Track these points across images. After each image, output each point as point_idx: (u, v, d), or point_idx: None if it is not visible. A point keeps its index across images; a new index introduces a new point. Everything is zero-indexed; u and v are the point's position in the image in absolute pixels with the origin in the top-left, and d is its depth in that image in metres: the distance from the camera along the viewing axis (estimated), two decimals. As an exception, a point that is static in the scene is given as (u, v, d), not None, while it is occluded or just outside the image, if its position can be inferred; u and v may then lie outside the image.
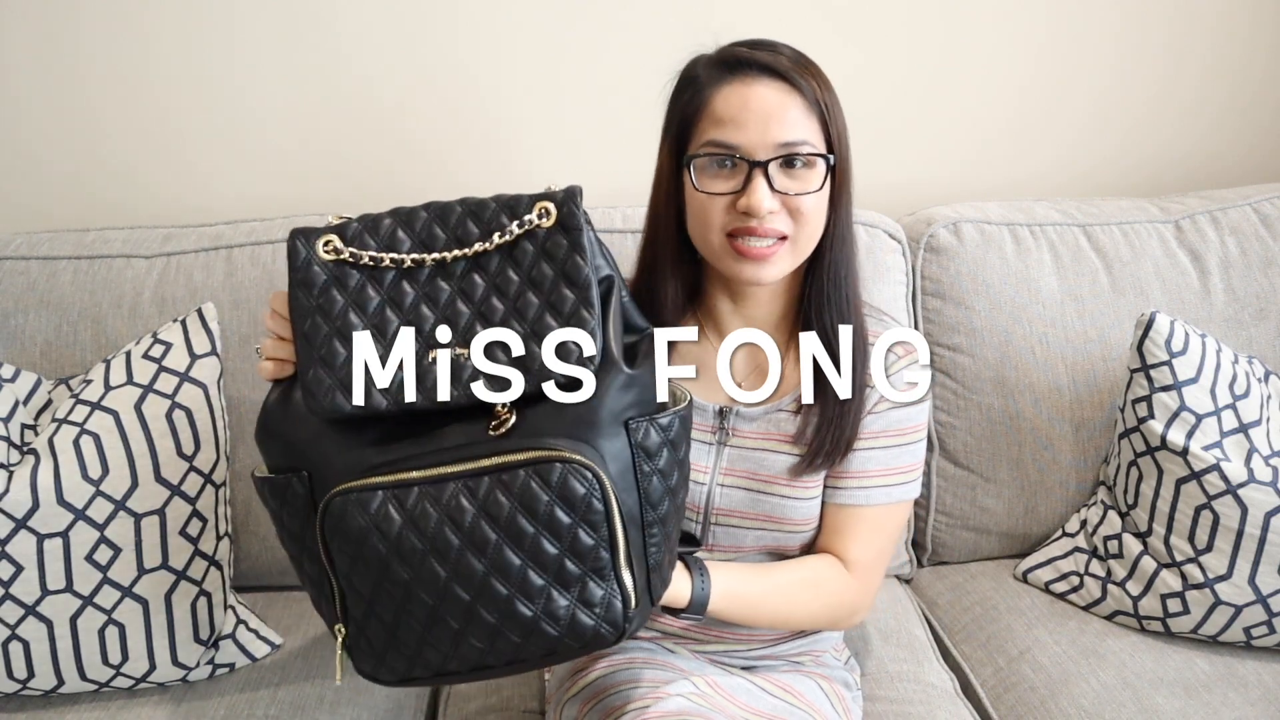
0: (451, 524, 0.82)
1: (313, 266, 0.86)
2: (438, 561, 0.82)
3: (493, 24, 1.62)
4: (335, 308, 0.86)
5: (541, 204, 0.86)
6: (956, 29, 1.71)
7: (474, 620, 0.83)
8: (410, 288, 0.87)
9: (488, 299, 0.86)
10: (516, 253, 0.86)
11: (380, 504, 0.83)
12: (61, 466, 1.19)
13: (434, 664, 0.86)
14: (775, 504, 1.11)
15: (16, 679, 1.22)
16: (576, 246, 0.85)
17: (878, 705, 1.29)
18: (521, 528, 0.81)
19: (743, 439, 1.13)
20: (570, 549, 0.82)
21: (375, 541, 0.83)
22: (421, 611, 0.83)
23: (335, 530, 0.84)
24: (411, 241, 0.87)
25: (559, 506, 0.81)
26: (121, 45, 1.58)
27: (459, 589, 0.82)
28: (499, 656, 0.85)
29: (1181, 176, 1.83)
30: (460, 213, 0.88)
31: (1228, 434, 1.33)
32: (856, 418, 1.09)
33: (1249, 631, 1.33)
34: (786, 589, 1.10)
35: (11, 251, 1.47)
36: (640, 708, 1.02)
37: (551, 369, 0.83)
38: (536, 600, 0.82)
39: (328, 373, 0.85)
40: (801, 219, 1.03)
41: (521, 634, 0.83)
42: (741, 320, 1.14)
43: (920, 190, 1.74)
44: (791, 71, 1.02)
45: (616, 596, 0.84)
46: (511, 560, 0.82)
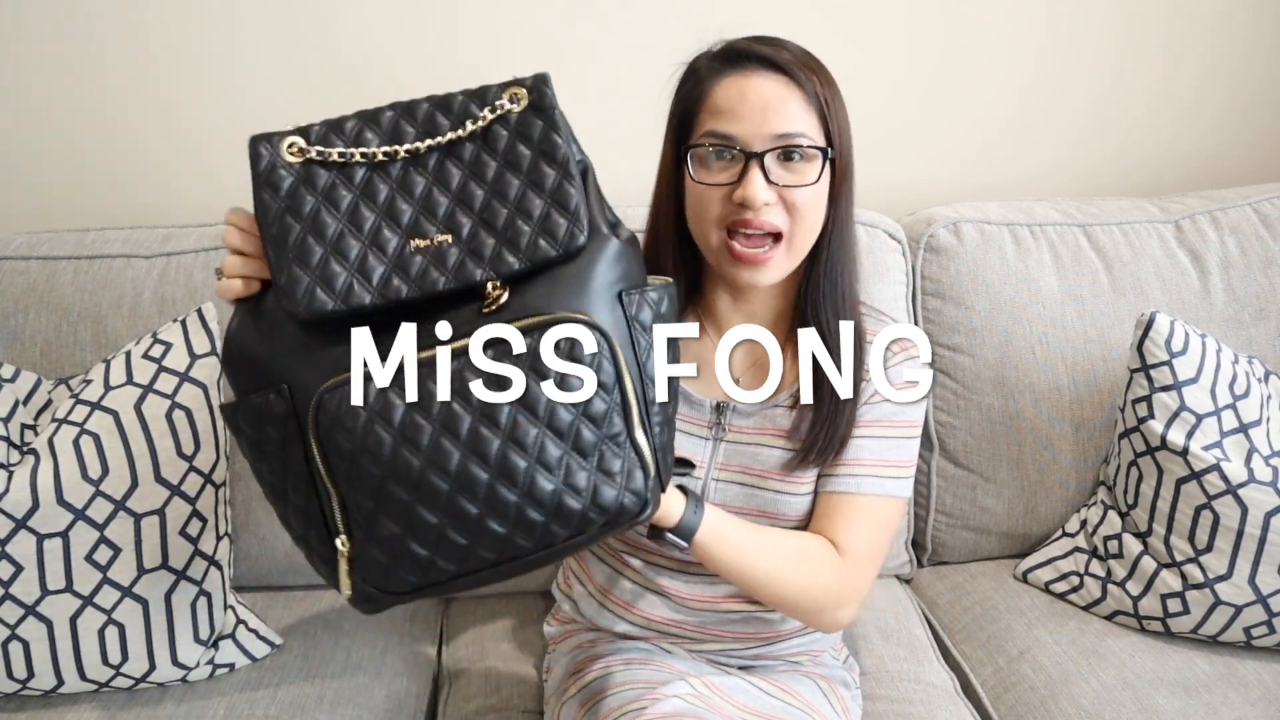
0: (460, 398, 0.78)
1: (278, 169, 0.83)
2: (449, 440, 0.78)
3: (493, 23, 1.62)
4: (305, 207, 0.82)
5: (512, 89, 0.85)
6: (956, 29, 1.71)
7: (495, 501, 0.78)
8: (383, 183, 0.84)
9: (465, 185, 0.84)
10: (490, 137, 0.85)
11: (379, 392, 0.78)
12: (61, 466, 1.19)
13: (453, 561, 0.80)
14: (769, 499, 1.11)
15: (16, 679, 1.22)
16: (552, 125, 0.85)
17: (878, 705, 1.29)
18: (534, 394, 0.78)
19: (738, 434, 1.13)
20: (585, 413, 0.79)
21: (378, 428, 0.78)
22: (436, 501, 0.78)
23: (332, 429, 0.78)
24: (379, 138, 0.85)
25: (569, 367, 0.79)
26: (122, 45, 1.58)
27: (475, 467, 0.78)
28: (521, 543, 0.80)
29: (1181, 176, 1.83)
30: (428, 107, 0.86)
31: (1228, 434, 1.33)
32: (852, 415, 1.09)
33: (1249, 631, 1.33)
34: (776, 548, 1.07)
35: (11, 251, 1.47)
36: (637, 709, 1.02)
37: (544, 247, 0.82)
38: (556, 471, 0.79)
39: (305, 271, 0.81)
40: (797, 213, 1.03)
41: (546, 511, 0.79)
42: (741, 317, 1.14)
43: (920, 190, 1.74)
44: (791, 65, 1.02)
45: (636, 465, 0.82)
46: (527, 428, 0.78)
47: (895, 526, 1.15)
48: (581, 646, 1.21)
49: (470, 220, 0.83)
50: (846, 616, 1.11)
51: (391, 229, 0.83)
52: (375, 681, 1.32)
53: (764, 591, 1.07)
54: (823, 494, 1.12)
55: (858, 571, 1.10)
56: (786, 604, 1.08)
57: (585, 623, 1.24)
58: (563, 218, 0.83)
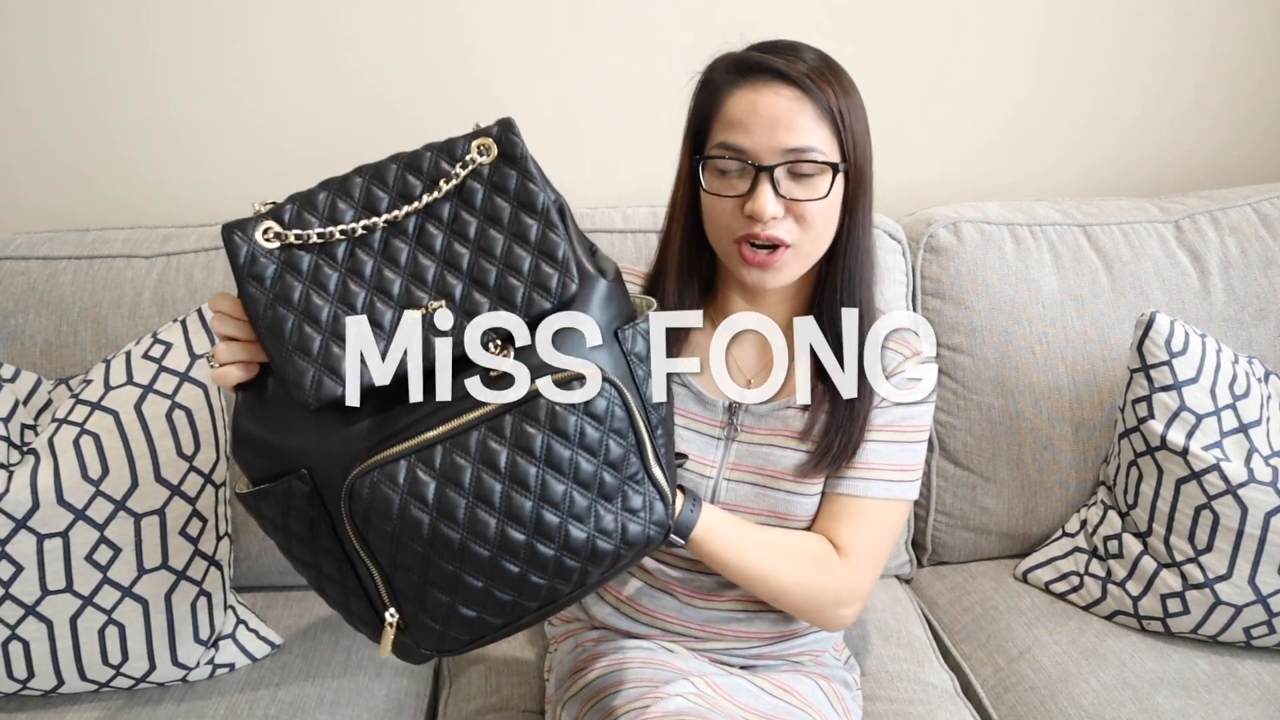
0: (489, 468, 0.80)
1: (258, 259, 0.82)
2: (485, 509, 0.80)
3: (496, 24, 1.62)
4: (294, 294, 0.82)
5: (479, 141, 0.85)
6: (956, 29, 1.71)
7: (535, 557, 0.81)
8: (366, 255, 0.83)
9: (449, 246, 0.84)
10: (465, 194, 0.84)
11: (407, 471, 0.80)
12: (61, 466, 1.19)
13: (500, 616, 0.84)
14: (780, 499, 1.12)
15: (16, 679, 1.22)
16: (526, 174, 0.84)
17: (878, 705, 1.29)
18: (558, 452, 0.81)
19: (751, 434, 1.13)
20: (605, 461, 0.82)
21: (414, 510, 0.80)
22: (480, 567, 0.81)
23: (368, 512, 0.80)
24: (354, 210, 0.84)
25: (587, 422, 0.81)
26: (122, 45, 1.58)
27: (513, 531, 0.80)
28: (563, 585, 0.84)
29: (1181, 176, 1.83)
30: (396, 169, 0.85)
31: (1228, 434, 1.33)
32: (865, 419, 1.10)
33: (1249, 631, 1.33)
34: (773, 546, 1.08)
35: (11, 251, 1.47)
36: (640, 707, 1.02)
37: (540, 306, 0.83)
38: (587, 521, 0.82)
39: (307, 361, 0.80)
40: (806, 225, 1.04)
41: (581, 558, 0.82)
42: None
43: (920, 190, 1.74)
44: (805, 78, 1.02)
45: (655, 498, 0.86)
46: (555, 486, 0.81)
47: (900, 527, 1.16)
48: (583, 646, 1.21)
49: (460, 282, 0.83)
50: (849, 615, 1.12)
51: (384, 302, 0.82)
52: (375, 681, 1.32)
53: (761, 588, 1.08)
54: (829, 495, 1.13)
55: (857, 571, 1.10)
56: (784, 601, 1.09)
57: (588, 620, 1.24)
58: (552, 269, 0.83)
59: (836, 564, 1.10)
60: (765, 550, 1.07)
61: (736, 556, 1.06)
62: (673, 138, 1.17)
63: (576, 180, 1.72)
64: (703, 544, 1.04)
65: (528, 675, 1.35)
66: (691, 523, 1.02)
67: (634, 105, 1.68)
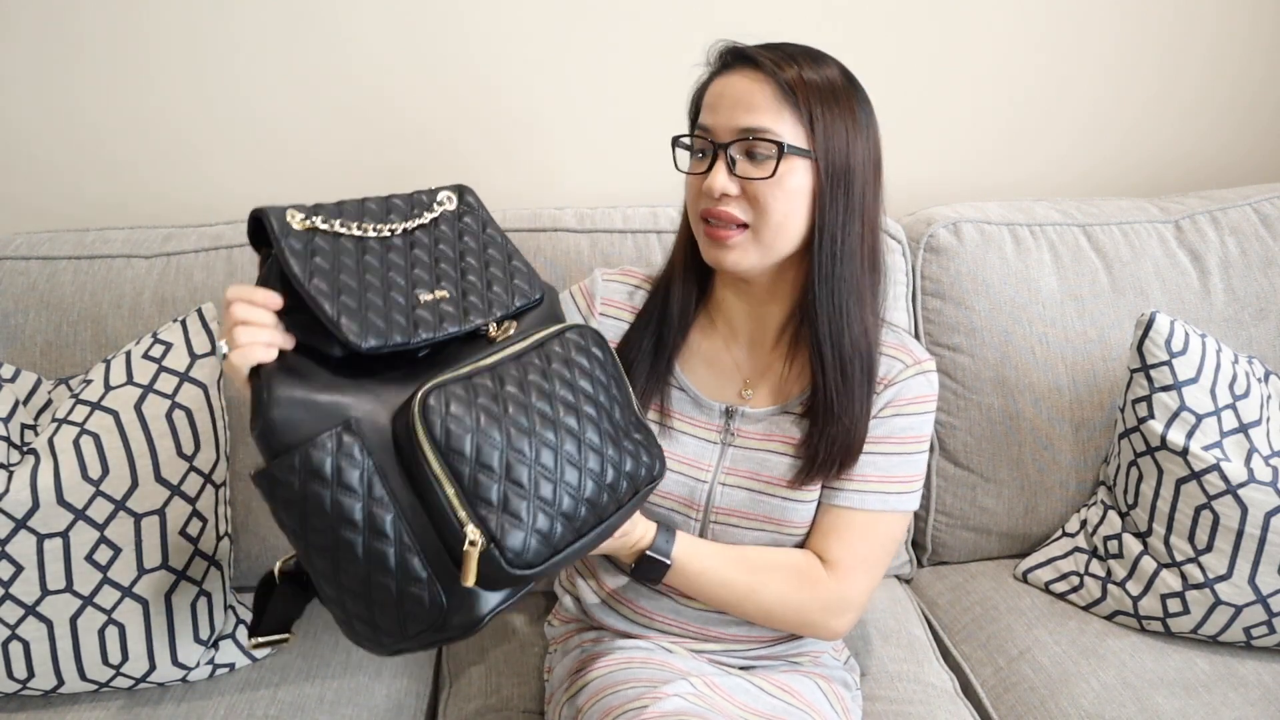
0: (536, 389, 0.91)
1: (291, 230, 0.89)
2: (541, 420, 0.89)
3: (496, 24, 1.62)
4: (327, 263, 0.89)
5: (443, 192, 1.01)
6: (956, 29, 1.71)
7: (587, 461, 0.91)
8: (372, 254, 0.92)
9: (435, 260, 0.96)
10: (441, 227, 0.98)
11: (467, 389, 0.87)
12: (61, 466, 1.19)
13: (573, 524, 0.89)
14: (776, 505, 1.11)
15: (16, 679, 1.22)
16: (483, 220, 1.02)
17: (878, 705, 1.29)
18: (579, 377, 0.95)
19: (747, 439, 1.13)
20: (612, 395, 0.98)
21: (486, 417, 0.86)
22: (550, 465, 0.88)
23: (446, 420, 0.84)
24: (356, 220, 0.93)
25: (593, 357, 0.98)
26: (122, 45, 1.58)
27: (567, 437, 0.90)
28: (611, 498, 0.93)
29: (1181, 176, 1.83)
30: (379, 204, 0.97)
31: (1228, 434, 1.33)
32: (861, 431, 1.10)
33: (1249, 631, 1.33)
34: (753, 566, 1.10)
35: (11, 251, 1.47)
36: (639, 707, 1.02)
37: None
38: (616, 441, 0.95)
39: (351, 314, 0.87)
40: (759, 205, 1.04)
41: (618, 470, 0.94)
42: (747, 318, 1.15)
43: (920, 190, 1.74)
44: (770, 63, 1.03)
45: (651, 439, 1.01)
46: (587, 405, 0.94)
47: (898, 538, 1.16)
48: (583, 646, 1.21)
49: (452, 283, 0.95)
50: (843, 625, 1.12)
51: (397, 288, 0.91)
52: (375, 681, 1.32)
53: (748, 608, 1.11)
54: (825, 506, 1.13)
55: (845, 583, 1.11)
56: (773, 619, 1.12)
57: (588, 621, 1.24)
58: (522, 279, 1.00)
59: (821, 577, 1.11)
60: (745, 571, 1.10)
61: (717, 580, 1.10)
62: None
63: (576, 180, 1.72)
64: (682, 571, 1.09)
65: (528, 675, 1.35)
66: (667, 548, 1.08)
67: (634, 106, 1.68)
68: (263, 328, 0.85)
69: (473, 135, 1.67)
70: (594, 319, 1.18)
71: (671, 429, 1.15)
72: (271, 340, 0.84)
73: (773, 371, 1.15)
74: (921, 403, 1.13)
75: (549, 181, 1.71)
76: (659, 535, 1.09)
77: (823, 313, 1.07)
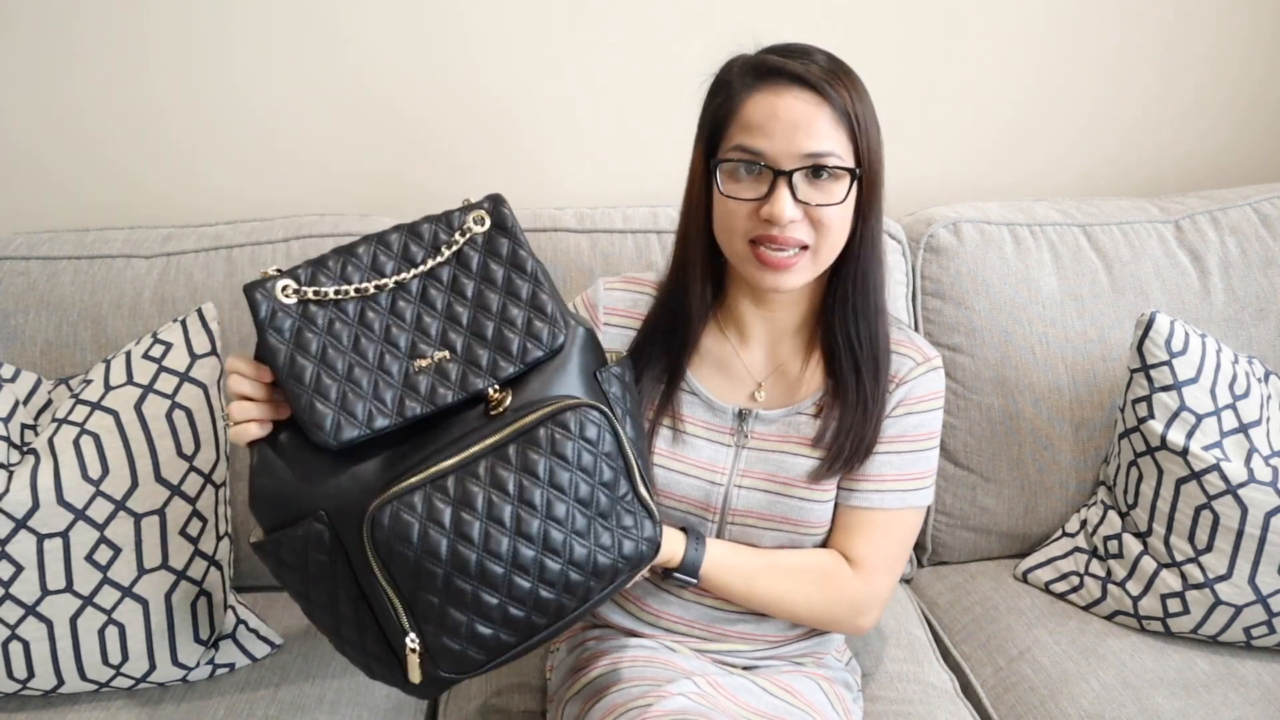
0: (498, 490, 0.88)
1: (278, 313, 0.89)
2: (497, 528, 0.87)
3: (496, 24, 1.62)
4: (312, 345, 0.89)
5: (475, 212, 0.96)
6: (957, 29, 1.71)
7: (543, 571, 0.89)
8: (374, 313, 0.92)
9: (450, 305, 0.93)
10: (463, 259, 0.95)
11: (424, 499, 0.87)
12: (61, 466, 1.18)
13: (515, 633, 0.89)
14: (793, 506, 1.12)
15: (16, 679, 1.22)
16: (516, 241, 0.96)
17: (878, 705, 1.29)
18: (559, 474, 0.89)
19: (762, 441, 1.14)
20: (600, 482, 0.91)
21: (433, 533, 0.86)
22: (495, 582, 0.87)
23: (390, 539, 0.86)
24: (362, 272, 0.92)
25: (583, 446, 0.90)
26: (122, 45, 1.58)
27: (523, 547, 0.88)
28: (570, 601, 0.91)
29: (1181, 176, 1.83)
30: (398, 237, 0.94)
31: (1228, 434, 1.33)
32: (877, 423, 1.11)
33: (1249, 631, 1.33)
34: (780, 570, 1.11)
35: (11, 251, 1.47)
36: (642, 706, 1.02)
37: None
38: (588, 536, 0.90)
39: (327, 405, 0.88)
40: (823, 229, 1.04)
41: (585, 571, 0.90)
42: (763, 322, 1.16)
43: (920, 190, 1.74)
44: (822, 82, 1.02)
45: (645, 516, 0.95)
46: (558, 505, 0.89)
47: (916, 532, 1.18)
48: (585, 645, 1.21)
49: (461, 336, 0.93)
50: (868, 622, 1.15)
51: (393, 354, 0.91)
52: (375, 682, 1.31)
53: (777, 610, 1.13)
54: (844, 507, 1.14)
55: (871, 581, 1.13)
56: (801, 619, 1.15)
57: (591, 619, 1.24)
58: (542, 322, 0.94)
59: (848, 577, 1.12)
60: (774, 574, 1.11)
61: (746, 585, 1.10)
62: (673, 139, 1.17)
63: (576, 180, 1.72)
64: (713, 578, 1.09)
65: (528, 675, 1.35)
66: (698, 560, 1.08)
67: (634, 106, 1.68)
68: (255, 403, 0.90)
69: (473, 135, 1.67)
70: (599, 329, 1.18)
71: (684, 433, 1.14)
72: (263, 416, 0.90)
73: (785, 373, 1.16)
74: (933, 399, 1.15)
75: (549, 181, 1.71)
76: (688, 549, 1.08)
77: (856, 314, 1.10)
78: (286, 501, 0.90)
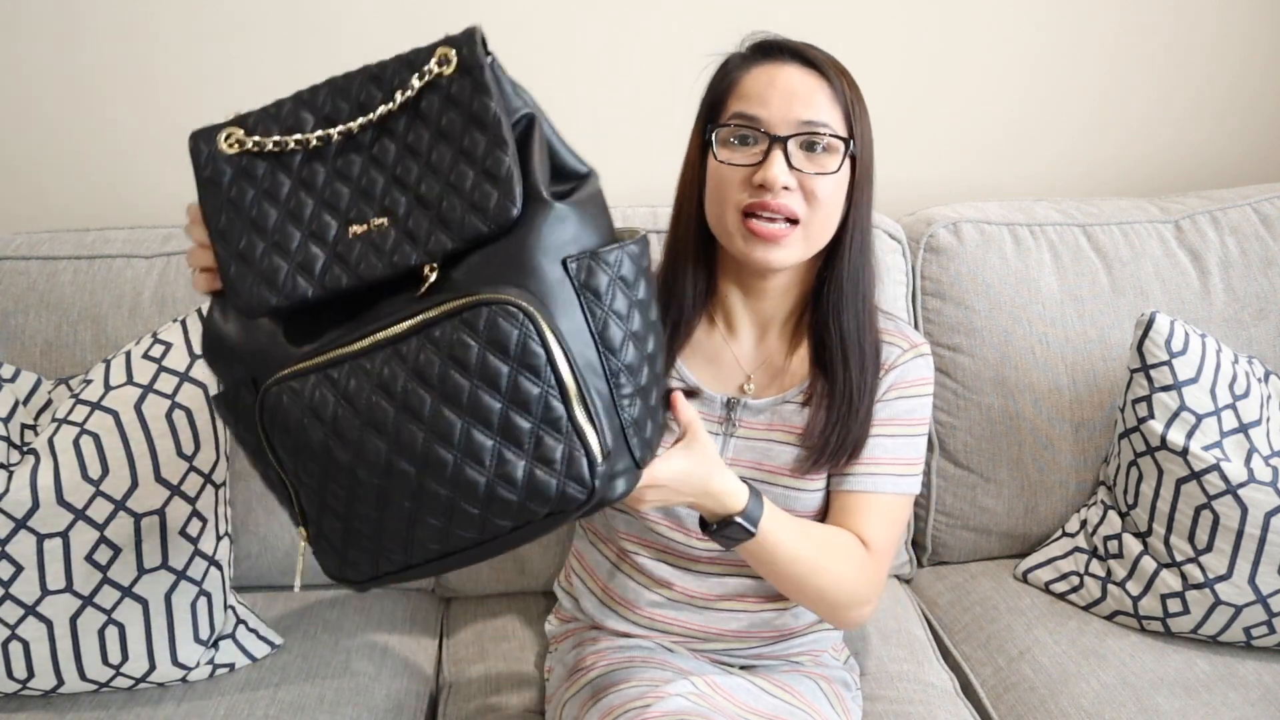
0: (384, 392, 0.76)
1: (217, 162, 0.81)
2: (376, 435, 0.76)
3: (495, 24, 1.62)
4: (246, 199, 0.81)
5: (441, 50, 0.80)
6: (956, 29, 1.71)
7: (425, 495, 0.77)
8: (320, 167, 0.81)
9: (400, 161, 0.80)
10: (423, 107, 0.80)
11: (312, 387, 0.78)
12: (61, 466, 1.18)
13: (397, 554, 0.80)
14: (780, 495, 1.12)
15: (16, 679, 1.22)
16: (480, 86, 0.79)
17: (878, 705, 1.29)
18: (456, 382, 0.75)
19: (749, 430, 1.13)
20: (512, 399, 0.75)
21: (311, 426, 0.78)
22: (370, 495, 0.78)
23: (273, 423, 0.80)
24: (315, 119, 0.82)
25: (491, 352, 0.75)
26: (122, 45, 1.58)
27: (402, 462, 0.76)
28: (463, 534, 0.78)
29: (1181, 177, 1.83)
30: (361, 80, 0.82)
31: (1228, 434, 1.33)
32: (866, 418, 1.10)
33: (1249, 631, 1.33)
34: (822, 544, 1.07)
35: (11, 251, 1.47)
36: (641, 706, 1.02)
37: None
38: (486, 462, 0.76)
39: (247, 268, 0.80)
40: (816, 202, 1.04)
41: (478, 503, 0.77)
42: (752, 315, 1.15)
43: (920, 190, 1.74)
44: (822, 63, 1.05)
45: (579, 449, 0.77)
46: (452, 420, 0.76)
47: (906, 520, 1.18)
48: (583, 645, 1.21)
49: (406, 199, 0.79)
50: (867, 613, 1.12)
51: (331, 215, 0.80)
52: (375, 682, 1.32)
53: (805, 582, 1.05)
54: (839, 492, 1.13)
55: (880, 566, 1.12)
56: (821, 597, 1.07)
57: (587, 620, 1.24)
58: (493, 188, 0.77)
59: (865, 558, 1.10)
60: (814, 547, 1.05)
61: (789, 555, 1.03)
62: (673, 139, 1.17)
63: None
64: (760, 542, 1.00)
65: (528, 675, 1.35)
66: (759, 513, 0.99)
67: (634, 106, 1.68)
68: (204, 251, 0.84)
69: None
70: None
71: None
72: (210, 265, 0.83)
73: (773, 362, 1.16)
74: (922, 385, 1.15)
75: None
76: (750, 500, 0.99)
77: (847, 306, 1.10)
78: (228, 359, 0.85)
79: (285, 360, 0.81)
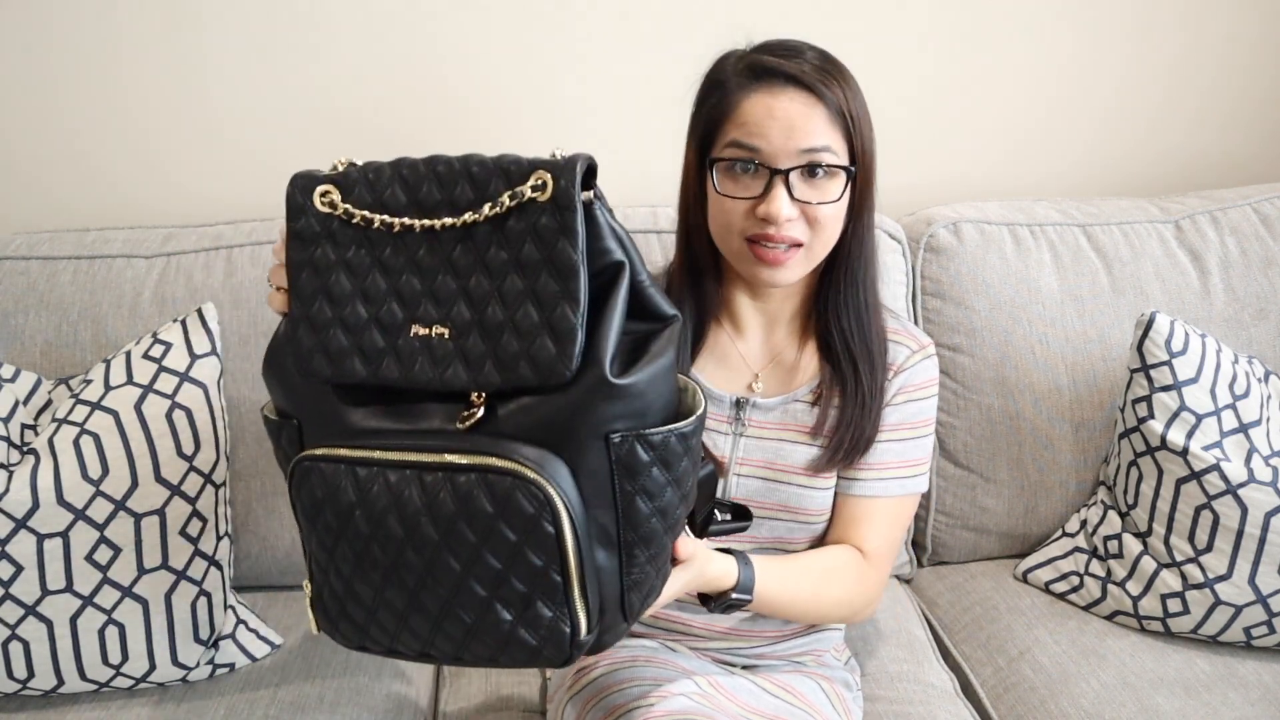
0: (397, 512, 0.76)
1: (307, 217, 0.81)
2: (380, 547, 0.78)
3: (494, 25, 1.62)
4: (326, 264, 0.81)
5: (539, 173, 0.76)
6: (957, 30, 1.71)
7: (416, 607, 0.79)
8: (399, 255, 0.80)
9: (473, 275, 0.78)
10: (507, 227, 0.76)
11: (339, 476, 0.79)
12: (61, 466, 1.18)
13: (383, 640, 0.83)
14: (792, 494, 1.12)
15: (16, 679, 1.22)
16: (566, 229, 0.74)
17: (878, 705, 1.29)
18: (462, 536, 0.75)
19: (760, 429, 1.14)
20: (513, 568, 0.75)
21: (329, 509, 0.79)
22: (368, 589, 0.80)
23: (299, 491, 0.82)
24: (408, 201, 0.79)
25: (503, 523, 0.74)
26: (121, 45, 1.58)
27: (403, 576, 0.78)
28: (442, 648, 0.80)
29: (1181, 177, 1.83)
30: (459, 171, 0.79)
31: (1228, 434, 1.33)
32: (876, 415, 1.12)
33: (1249, 631, 1.33)
34: (817, 575, 1.11)
35: (11, 251, 1.47)
36: (644, 706, 1.02)
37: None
38: (476, 610, 0.77)
39: (314, 335, 0.81)
40: (818, 227, 1.05)
41: (462, 632, 0.78)
42: (758, 314, 1.17)
43: (920, 190, 1.74)
44: (817, 82, 1.03)
45: (565, 622, 0.77)
46: (450, 566, 0.76)
47: (911, 517, 1.20)
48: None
49: (470, 316, 0.78)
50: (871, 611, 1.18)
51: (400, 307, 0.79)
52: (375, 681, 1.32)
53: (809, 615, 1.13)
54: (846, 497, 1.15)
55: (880, 570, 1.15)
56: (825, 619, 1.16)
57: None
58: (552, 343, 0.74)
59: (866, 569, 1.14)
60: (813, 581, 1.11)
61: (787, 601, 1.08)
62: (672, 139, 1.17)
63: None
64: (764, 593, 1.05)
65: (528, 675, 1.35)
66: (751, 578, 1.03)
67: (632, 105, 1.68)
68: (284, 274, 0.84)
69: (470, 136, 1.67)
70: None
71: None
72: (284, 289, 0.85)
73: (780, 361, 1.17)
74: (929, 386, 1.17)
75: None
76: (740, 569, 1.02)
77: (848, 307, 1.11)
78: (282, 391, 0.86)
79: (329, 429, 0.82)
